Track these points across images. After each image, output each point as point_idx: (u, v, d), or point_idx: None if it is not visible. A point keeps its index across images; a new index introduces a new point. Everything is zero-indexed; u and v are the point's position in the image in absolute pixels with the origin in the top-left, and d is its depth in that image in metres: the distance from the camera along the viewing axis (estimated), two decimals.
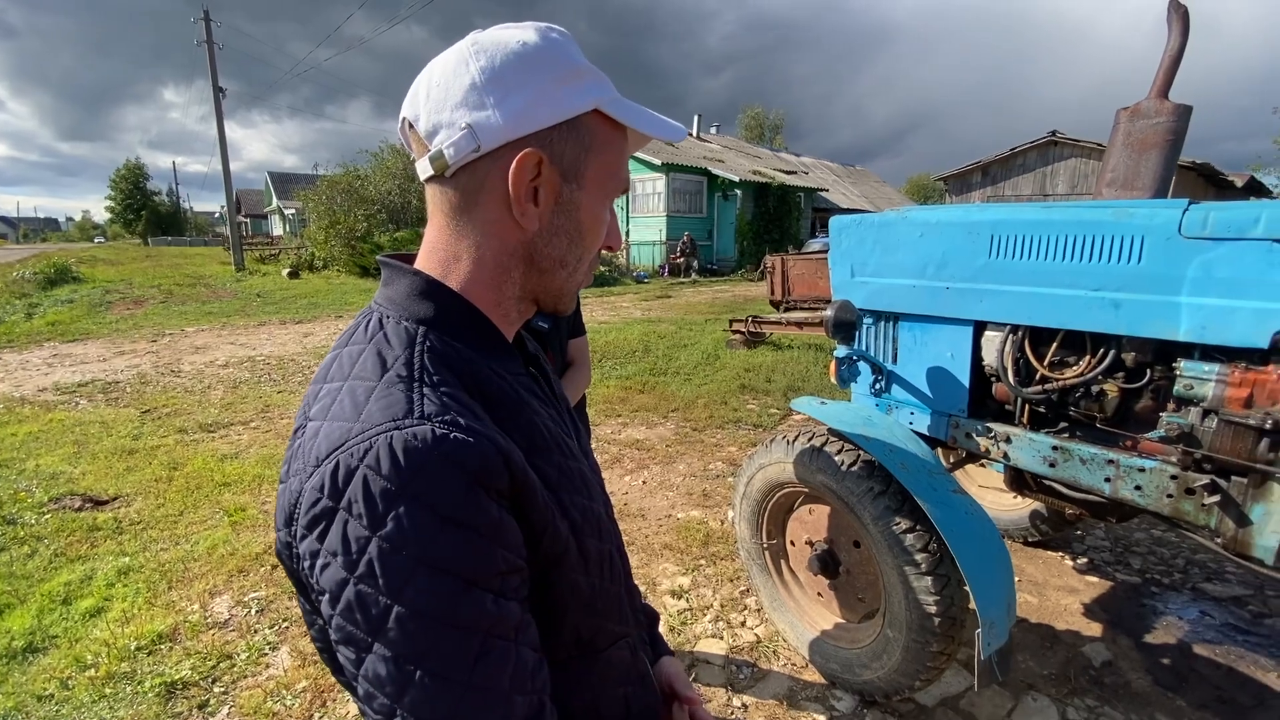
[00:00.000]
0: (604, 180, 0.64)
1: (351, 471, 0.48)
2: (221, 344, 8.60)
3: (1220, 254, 1.52)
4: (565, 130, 0.59)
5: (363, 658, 0.48)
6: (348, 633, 0.48)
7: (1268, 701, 1.95)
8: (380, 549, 0.46)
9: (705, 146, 27.38)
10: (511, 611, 0.51)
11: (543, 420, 0.63)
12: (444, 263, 0.63)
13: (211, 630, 2.42)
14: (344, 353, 0.60)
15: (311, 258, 19.60)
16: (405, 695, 0.47)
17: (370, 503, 0.47)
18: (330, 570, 0.48)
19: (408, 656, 0.46)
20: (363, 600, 0.47)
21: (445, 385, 0.55)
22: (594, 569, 0.63)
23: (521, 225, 0.60)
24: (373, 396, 0.53)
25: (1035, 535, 2.86)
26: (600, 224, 0.65)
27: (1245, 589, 2.57)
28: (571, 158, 0.60)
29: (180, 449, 4.41)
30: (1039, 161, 18.20)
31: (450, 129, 0.57)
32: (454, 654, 0.47)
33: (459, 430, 0.50)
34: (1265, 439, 1.49)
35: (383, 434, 0.49)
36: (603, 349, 7.50)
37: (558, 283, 0.66)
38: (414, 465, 0.47)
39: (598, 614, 0.64)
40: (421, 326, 0.59)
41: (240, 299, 13.81)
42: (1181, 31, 1.99)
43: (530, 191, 0.59)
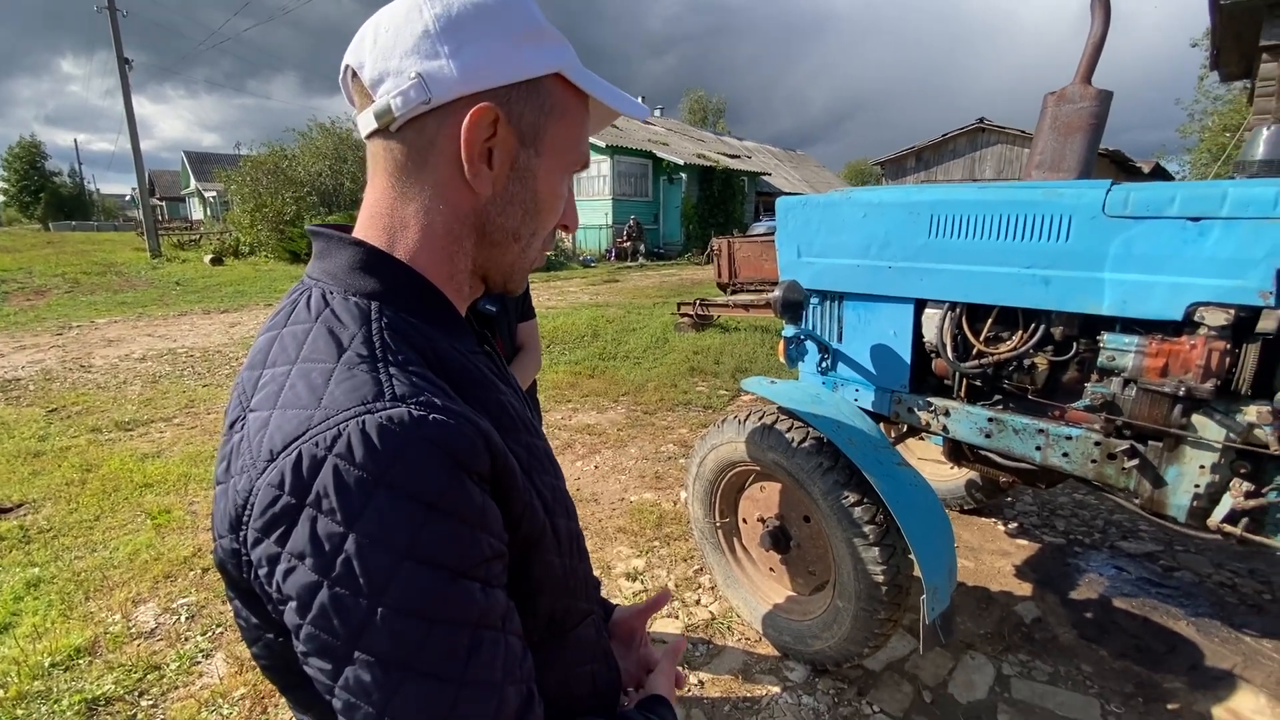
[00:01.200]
0: (563, 150, 0.60)
1: (318, 462, 0.43)
2: (137, 336, 8.02)
3: (1139, 232, 1.60)
4: (525, 90, 0.55)
5: (341, 668, 0.43)
6: (322, 642, 0.43)
7: (1179, 648, 2.12)
8: (359, 545, 0.42)
9: (650, 129, 27.27)
10: (498, 599, 0.48)
11: (507, 399, 0.60)
12: (389, 230, 0.57)
13: (136, 641, 2.26)
14: (284, 334, 0.54)
15: (236, 243, 18.50)
16: (395, 702, 0.43)
17: (344, 495, 0.42)
18: (297, 575, 0.43)
19: (396, 660, 0.42)
20: (340, 604, 0.42)
21: (412, 364, 0.50)
22: (565, 548, 0.61)
23: (474, 189, 0.56)
24: (333, 379, 0.48)
25: (970, 503, 3.01)
26: (557, 198, 0.62)
27: (1157, 545, 2.78)
28: (530, 120, 0.56)
29: (94, 449, 4.10)
30: (968, 147, 19.00)
31: (398, 78, 0.52)
32: (446, 651, 0.44)
33: (437, 411, 0.46)
34: (1178, 405, 1.59)
35: (353, 419, 0.44)
36: (551, 334, 7.41)
37: (509, 258, 0.62)
38: (392, 451, 0.43)
39: (570, 593, 0.63)
40: (373, 302, 0.54)
41: (157, 288, 12.90)
42: (1103, 20, 2.08)
43: (484, 152, 0.55)
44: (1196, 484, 1.61)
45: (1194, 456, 1.61)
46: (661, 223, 23.47)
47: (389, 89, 0.53)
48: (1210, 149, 20.59)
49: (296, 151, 19.89)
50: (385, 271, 0.55)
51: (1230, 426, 1.54)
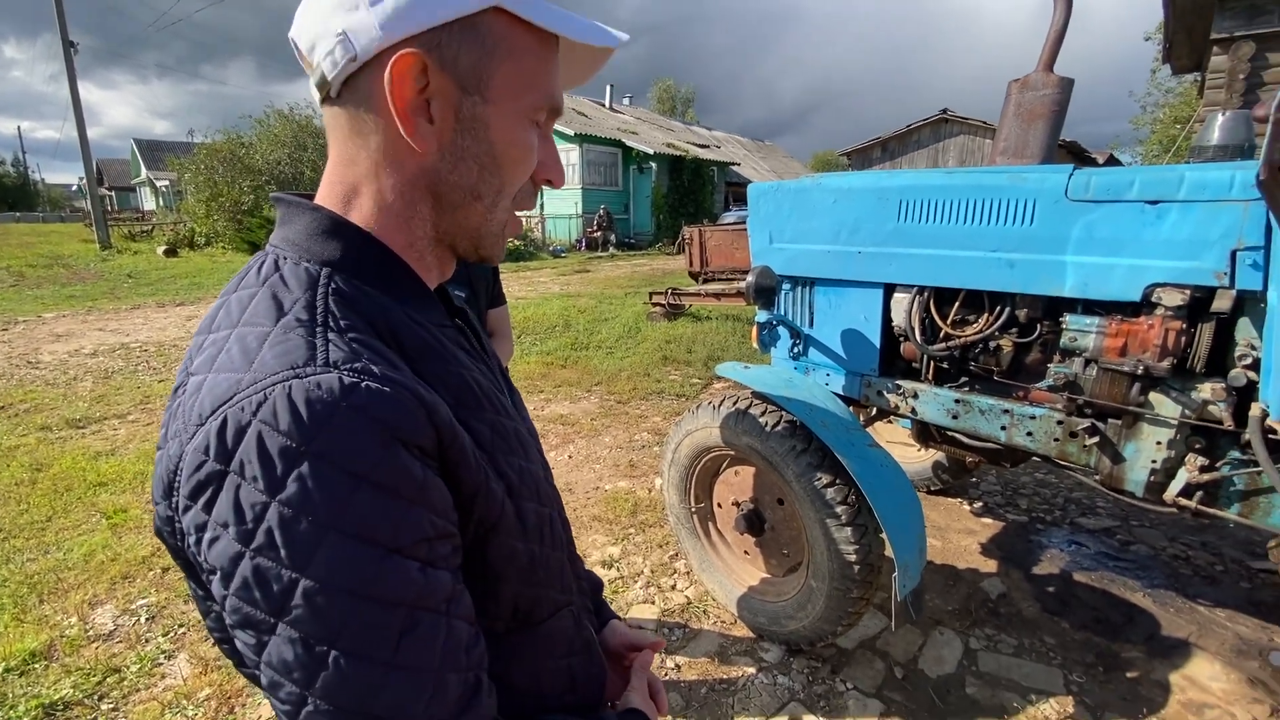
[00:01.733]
0: (518, 93, 0.54)
1: (243, 428, 0.41)
2: (88, 330, 7.69)
3: (1100, 215, 1.64)
4: (458, 31, 0.50)
5: (265, 641, 0.41)
6: (245, 614, 0.42)
7: (1137, 619, 2.21)
8: (281, 515, 0.40)
9: (618, 118, 27.08)
10: (441, 581, 0.45)
11: (472, 375, 0.57)
12: (343, 198, 0.55)
13: (95, 643, 2.18)
14: (233, 298, 0.52)
15: (191, 234, 17.84)
16: (318, 680, 0.41)
17: (267, 463, 0.40)
18: (221, 544, 0.41)
19: (319, 636, 0.40)
20: (262, 575, 0.40)
21: (355, 331, 0.48)
22: (533, 534, 0.58)
23: (415, 147, 0.52)
24: (267, 343, 0.45)
25: (937, 484, 3.08)
26: (521, 147, 0.56)
27: (1114, 521, 2.88)
28: (469, 64, 0.51)
29: (44, 448, 3.92)
30: (932, 138, 19.34)
31: (326, 39, 0.50)
32: (374, 630, 0.41)
33: (372, 379, 0.44)
34: (1137, 384, 1.65)
35: (280, 383, 0.42)
36: (522, 325, 7.33)
37: (474, 220, 0.57)
38: (318, 418, 0.41)
39: (538, 582, 0.60)
40: (325, 268, 0.52)
41: (108, 280, 12.37)
42: (1065, 8, 2.12)
43: (421, 105, 0.51)
44: (1153, 459, 1.66)
45: (1151, 433, 1.66)
46: (632, 212, 23.39)
47: (321, 53, 0.51)
48: (1161, 140, 21.34)
49: (254, 139, 19.22)
50: (342, 238, 0.53)
51: (1185, 403, 1.59)
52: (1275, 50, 7.69)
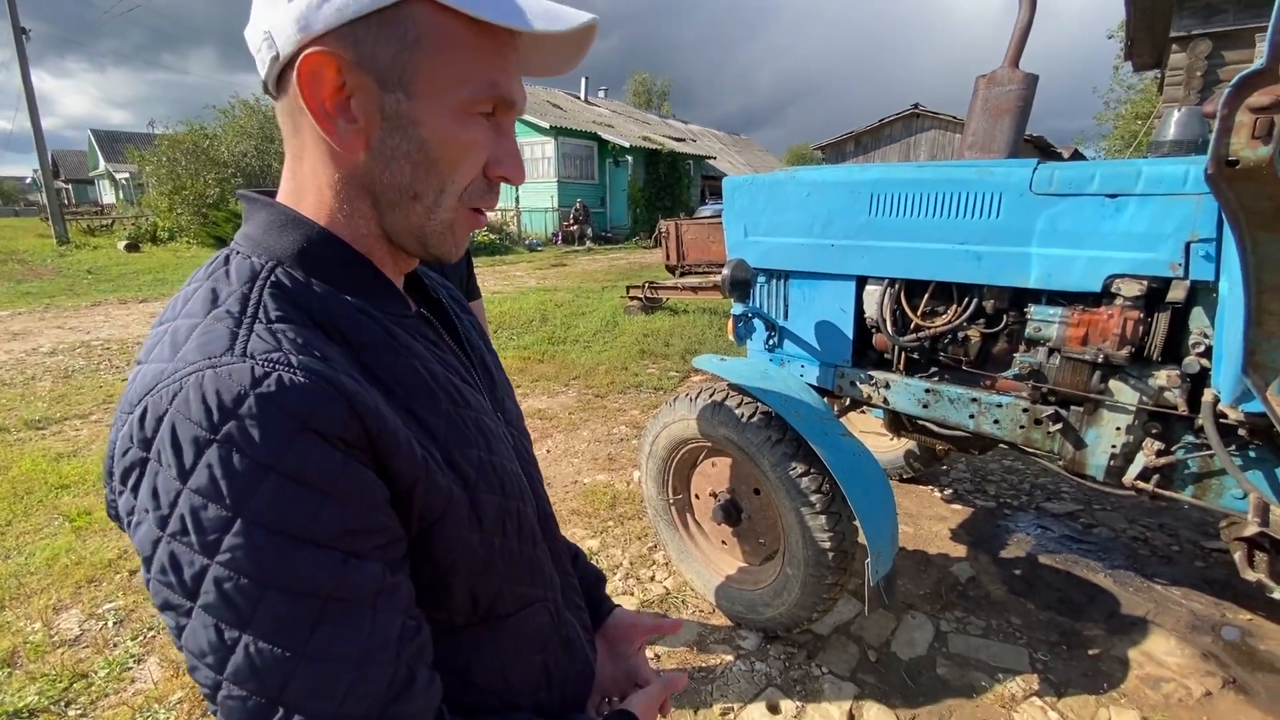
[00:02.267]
0: (447, 86, 0.51)
1: (160, 416, 0.42)
2: (46, 328, 7.43)
3: (1063, 208, 1.69)
4: (375, 25, 0.48)
5: (183, 624, 0.43)
6: (165, 597, 0.43)
7: (1098, 598, 2.29)
8: (192, 503, 0.41)
9: (594, 111, 26.93)
10: (368, 573, 0.45)
11: (426, 365, 0.56)
12: (295, 193, 0.55)
13: (60, 649, 2.12)
14: (181, 293, 0.52)
15: (154, 228, 17.30)
16: (229, 665, 0.42)
17: (178, 451, 0.41)
18: (143, 528, 0.43)
19: (230, 622, 0.41)
20: (176, 560, 0.42)
21: (286, 322, 0.48)
22: (492, 527, 0.57)
23: (337, 148, 0.51)
24: (194, 334, 0.46)
25: (909, 472, 3.15)
26: (461, 144, 0.53)
27: (1077, 505, 2.98)
28: (388, 58, 0.49)
29: (2, 450, 3.79)
30: (904, 132, 19.59)
31: (257, 37, 0.50)
32: (283, 619, 0.42)
33: (286, 369, 0.44)
34: (1097, 371, 1.70)
35: (194, 373, 0.43)
36: (498, 319, 7.28)
37: (414, 220, 0.55)
38: (225, 408, 0.41)
39: (499, 576, 0.58)
40: (271, 261, 0.52)
41: (66, 276, 11.95)
42: (1030, 5, 2.17)
43: (342, 105, 0.50)
44: (1113, 445, 1.73)
45: (1111, 419, 1.72)
46: (608, 206, 23.31)
47: (253, 50, 0.51)
48: (1123, 136, 21.94)
49: (218, 130, 18.69)
50: (296, 231, 0.53)
51: (1143, 390, 1.65)
52: (1231, 48, 7.95)
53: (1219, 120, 0.83)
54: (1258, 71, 0.78)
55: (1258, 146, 0.81)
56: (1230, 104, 0.82)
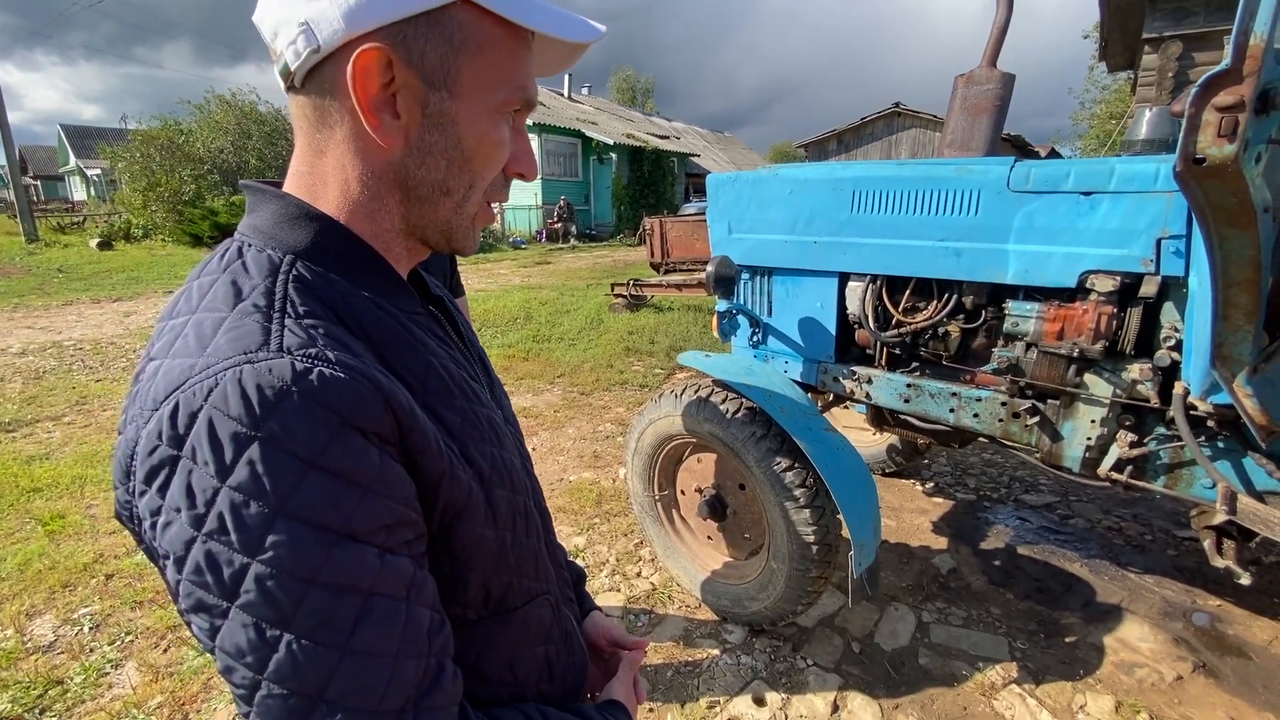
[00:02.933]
0: (487, 88, 0.53)
1: (194, 413, 0.41)
2: (15, 329, 7.25)
3: (1039, 205, 1.72)
4: (424, 25, 0.49)
5: (218, 625, 0.41)
6: (198, 599, 0.42)
7: (1075, 587, 2.34)
8: (232, 500, 0.40)
9: (578, 108, 26.82)
10: (401, 568, 0.46)
11: (441, 362, 0.56)
12: (310, 188, 0.54)
13: (34, 655, 2.08)
14: (194, 285, 0.51)
15: (128, 225, 16.91)
16: (270, 664, 0.41)
17: (217, 448, 0.40)
18: (174, 528, 0.41)
19: (272, 620, 0.41)
20: (214, 560, 0.41)
21: (314, 317, 0.48)
22: (504, 522, 0.58)
23: (380, 143, 0.51)
24: (222, 328, 0.45)
25: (891, 466, 3.19)
26: (492, 143, 0.55)
27: (1054, 497, 3.04)
28: (436, 59, 0.50)
29: None
30: (885, 131, 19.76)
31: (289, 28, 0.49)
32: (328, 615, 0.42)
33: (326, 364, 0.44)
34: (1072, 365, 1.74)
35: (231, 368, 0.42)
36: (482, 317, 7.23)
37: (443, 214, 0.57)
38: (268, 404, 0.41)
39: (510, 569, 0.59)
40: (289, 255, 0.51)
41: (36, 275, 11.66)
42: (1007, 6, 2.20)
43: (387, 101, 0.50)
44: (1088, 437, 1.76)
45: (1086, 412, 1.76)
46: (592, 203, 23.25)
47: (283, 41, 0.49)
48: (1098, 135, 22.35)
49: (193, 126, 18.35)
50: (309, 225, 0.53)
51: (1117, 383, 1.69)
52: (1202, 50, 8.13)
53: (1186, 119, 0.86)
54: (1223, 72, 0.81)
55: (1223, 144, 0.84)
56: (1197, 103, 0.85)
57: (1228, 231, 1.01)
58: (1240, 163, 0.84)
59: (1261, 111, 0.85)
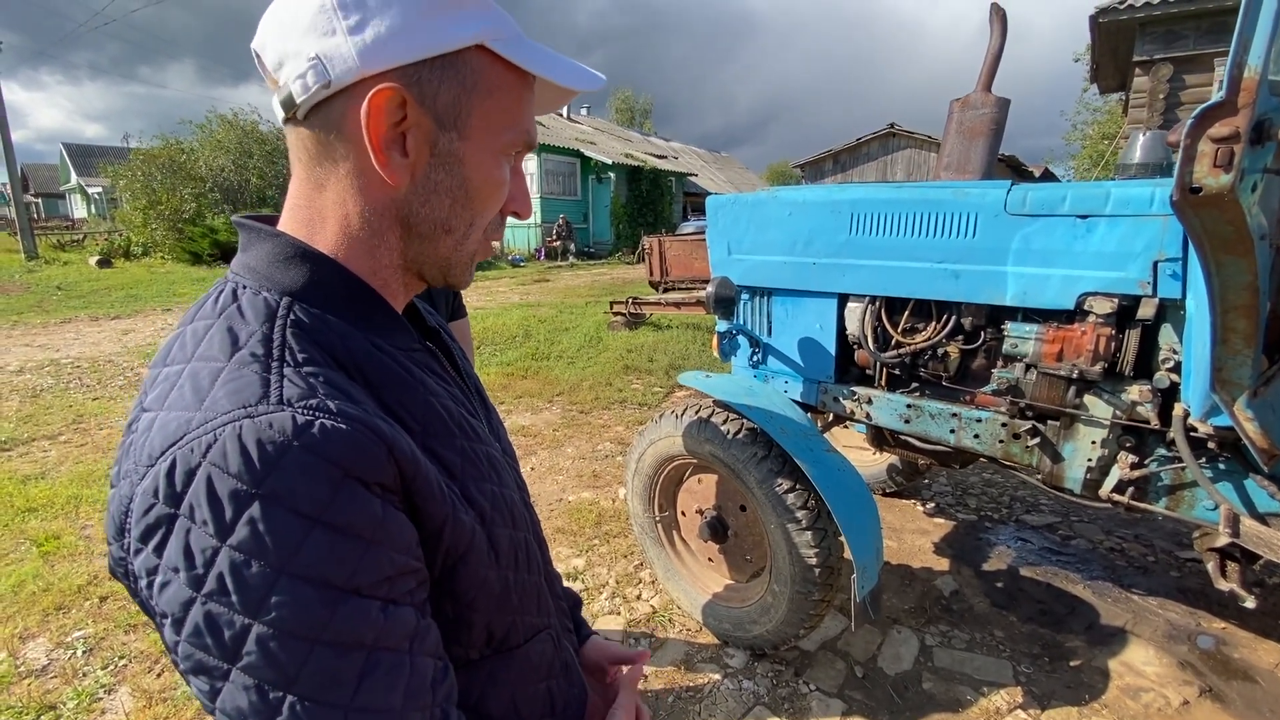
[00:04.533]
0: (495, 131, 0.54)
1: (192, 470, 0.40)
2: (13, 346, 7.23)
3: (1036, 228, 1.74)
4: (439, 67, 0.50)
5: (218, 688, 0.40)
6: (198, 660, 0.40)
7: (1078, 609, 2.32)
8: (233, 560, 0.39)
9: (576, 128, 27.11)
10: (404, 619, 0.45)
11: (440, 401, 0.56)
12: (308, 223, 0.54)
13: (27, 679, 2.05)
14: (188, 330, 0.50)
15: (127, 243, 16.97)
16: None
17: (216, 506, 0.39)
18: (172, 588, 0.40)
19: (274, 682, 0.40)
20: (214, 621, 0.40)
21: (313, 364, 0.47)
22: (506, 561, 0.57)
23: (387, 180, 0.51)
24: (219, 380, 0.44)
25: (892, 486, 3.18)
26: (493, 183, 0.56)
27: (1056, 517, 3.03)
28: (448, 100, 0.51)
29: None
30: (881, 151, 19.99)
31: (296, 60, 0.49)
32: (331, 674, 0.41)
33: (327, 416, 0.43)
34: (1072, 387, 1.75)
35: (230, 423, 0.41)
36: (481, 335, 7.24)
37: (443, 251, 0.57)
38: (269, 460, 0.40)
39: (513, 609, 0.59)
40: (285, 298, 0.50)
41: (35, 293, 11.66)
42: (1001, 31, 2.24)
43: (396, 139, 0.50)
44: (1089, 458, 1.76)
45: (1086, 433, 1.77)
46: (591, 222, 23.40)
47: (290, 73, 0.49)
48: (1091, 155, 22.60)
49: (195, 145, 18.51)
50: (304, 265, 0.52)
51: (1116, 405, 1.70)
52: (1192, 72, 8.28)
53: (1182, 150, 0.87)
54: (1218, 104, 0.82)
55: (1219, 175, 0.85)
56: (1193, 134, 0.86)
57: (1225, 258, 1.02)
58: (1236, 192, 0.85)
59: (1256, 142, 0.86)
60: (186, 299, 10.93)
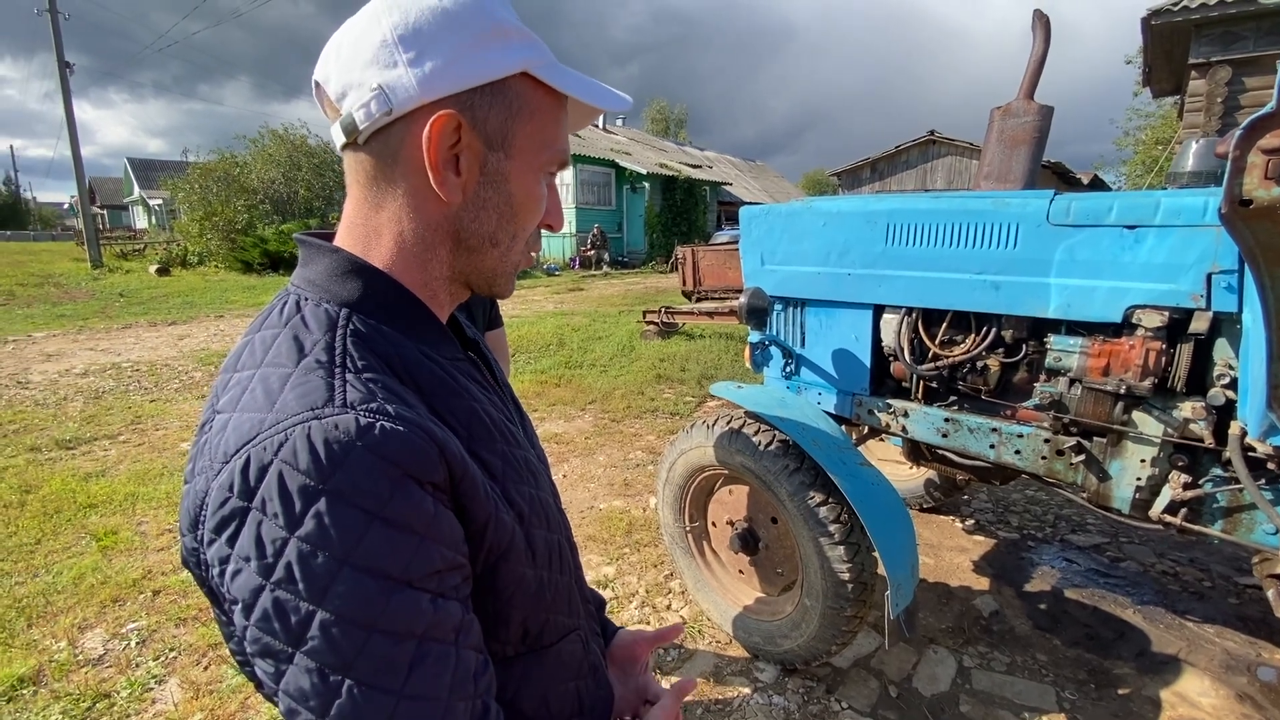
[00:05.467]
0: (536, 150, 0.59)
1: (265, 467, 0.44)
2: (78, 350, 7.65)
3: (1081, 239, 1.69)
4: (489, 94, 0.55)
5: (283, 670, 0.44)
6: (265, 644, 0.44)
7: (1127, 635, 2.23)
8: (300, 551, 0.43)
9: (611, 139, 27.38)
10: (451, 612, 0.47)
11: (483, 407, 0.59)
12: (364, 239, 0.58)
13: (84, 668, 2.16)
14: (256, 338, 0.55)
15: (184, 252, 17.82)
16: (332, 708, 0.43)
17: (287, 501, 0.43)
18: (243, 576, 0.44)
19: (334, 666, 0.43)
20: (281, 607, 0.43)
21: (371, 371, 0.51)
22: (541, 561, 0.60)
23: (443, 197, 0.56)
24: (288, 384, 0.48)
25: (929, 502, 3.10)
26: (535, 199, 0.61)
27: (1104, 538, 2.91)
28: (497, 123, 0.56)
29: (33, 469, 3.89)
30: (920, 159, 19.63)
31: (360, 90, 0.53)
32: (386, 661, 0.44)
33: (387, 419, 0.46)
34: (1120, 402, 1.68)
35: (300, 424, 0.44)
36: (516, 343, 7.35)
37: (490, 262, 0.61)
38: (335, 458, 0.43)
39: (546, 607, 0.62)
40: (344, 309, 0.54)
41: (99, 299, 12.32)
42: (1044, 38, 2.20)
43: (450, 160, 0.55)
44: (1138, 477, 1.70)
45: (1135, 451, 1.70)
46: (625, 231, 23.55)
47: (352, 102, 0.53)
48: (1143, 161, 21.74)
49: (248, 159, 19.37)
50: (360, 279, 0.56)
51: (1167, 422, 1.63)
52: (1252, 74, 7.91)
53: (1231, 161, 0.84)
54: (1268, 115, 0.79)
55: (1271, 187, 0.82)
56: (1242, 146, 0.83)
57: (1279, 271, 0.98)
58: None
59: None
60: (238, 306, 11.39)
